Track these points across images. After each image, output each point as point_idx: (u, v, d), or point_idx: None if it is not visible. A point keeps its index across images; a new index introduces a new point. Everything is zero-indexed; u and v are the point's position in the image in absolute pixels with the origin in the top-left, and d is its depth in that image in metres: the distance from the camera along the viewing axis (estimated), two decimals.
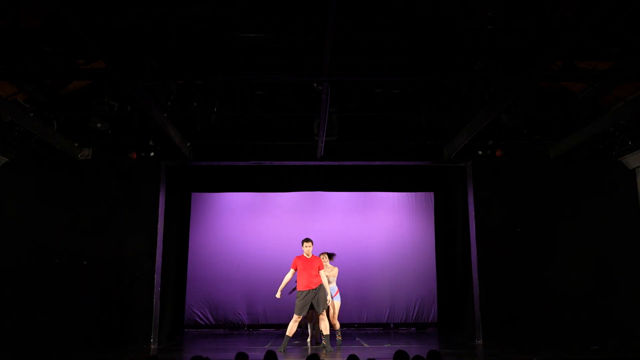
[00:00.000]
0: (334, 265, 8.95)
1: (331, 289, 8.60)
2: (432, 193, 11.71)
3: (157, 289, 8.57)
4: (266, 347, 8.50)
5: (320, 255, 8.63)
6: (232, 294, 11.49)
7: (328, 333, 7.94)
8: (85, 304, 8.38)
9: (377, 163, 9.37)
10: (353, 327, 11.61)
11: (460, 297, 9.78)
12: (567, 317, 8.51)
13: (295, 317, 7.86)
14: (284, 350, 7.69)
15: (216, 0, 6.23)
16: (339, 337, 8.76)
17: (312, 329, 8.93)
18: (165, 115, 7.83)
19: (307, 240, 8.08)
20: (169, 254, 9.45)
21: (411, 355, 4.64)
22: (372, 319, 11.75)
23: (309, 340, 8.90)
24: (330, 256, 8.95)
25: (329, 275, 8.48)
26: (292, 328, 7.89)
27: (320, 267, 7.96)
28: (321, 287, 7.87)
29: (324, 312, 7.91)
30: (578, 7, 5.01)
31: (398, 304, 11.75)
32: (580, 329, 8.45)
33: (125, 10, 5.88)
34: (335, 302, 8.77)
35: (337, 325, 8.86)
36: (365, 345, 8.91)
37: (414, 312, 11.77)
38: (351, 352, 4.87)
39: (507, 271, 8.67)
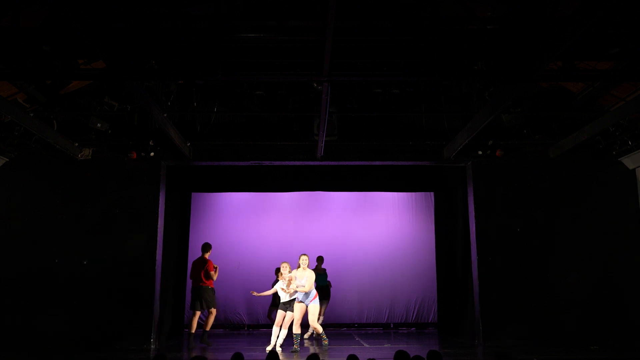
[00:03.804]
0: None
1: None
2: (432, 193, 11.71)
3: (157, 289, 8.58)
4: (266, 347, 8.49)
5: (301, 255, 8.17)
6: (232, 294, 11.48)
7: (192, 332, 8.67)
8: (85, 303, 8.38)
9: (377, 163, 9.37)
10: (353, 327, 11.62)
11: (460, 297, 9.77)
12: (567, 317, 8.50)
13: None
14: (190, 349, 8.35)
15: (216, 0, 6.23)
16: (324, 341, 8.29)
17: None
18: (165, 115, 7.84)
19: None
20: (169, 254, 9.44)
21: (411, 355, 4.64)
22: (372, 319, 11.77)
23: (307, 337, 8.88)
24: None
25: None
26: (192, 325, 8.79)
27: None
28: None
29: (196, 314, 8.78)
30: (577, 7, 5.01)
31: (398, 304, 11.76)
32: (580, 329, 8.45)
33: (126, 10, 5.88)
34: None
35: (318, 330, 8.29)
36: (365, 345, 8.91)
37: (414, 312, 11.78)
38: (351, 352, 4.87)
39: (507, 271, 8.67)
